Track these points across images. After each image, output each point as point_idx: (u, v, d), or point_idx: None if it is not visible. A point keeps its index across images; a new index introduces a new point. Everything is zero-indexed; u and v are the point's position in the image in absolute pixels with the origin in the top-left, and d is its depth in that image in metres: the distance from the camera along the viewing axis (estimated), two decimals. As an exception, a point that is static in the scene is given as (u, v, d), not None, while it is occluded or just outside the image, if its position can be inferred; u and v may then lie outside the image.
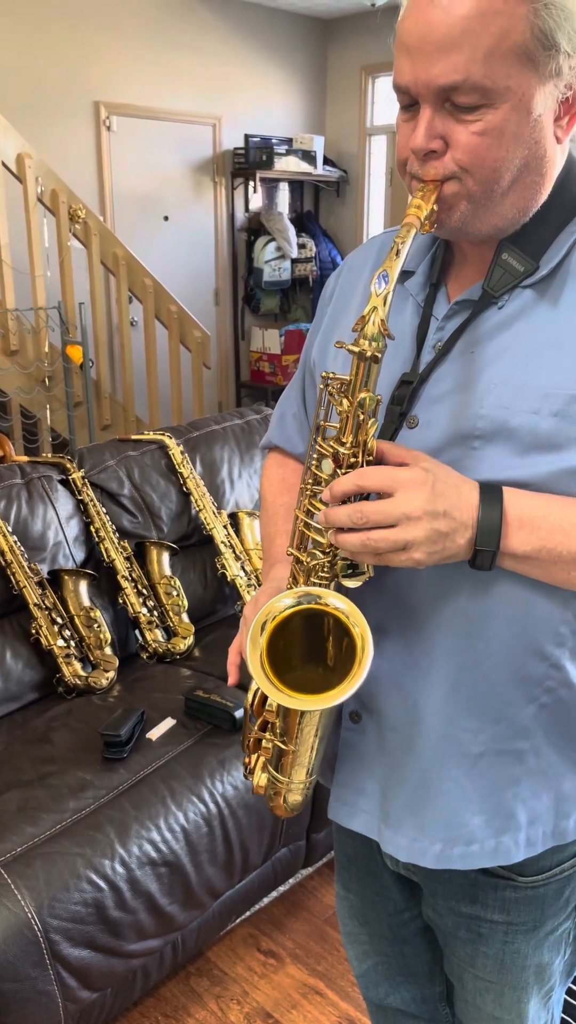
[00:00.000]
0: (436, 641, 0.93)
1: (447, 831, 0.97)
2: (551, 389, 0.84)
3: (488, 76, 0.77)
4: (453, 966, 1.13)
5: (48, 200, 4.05)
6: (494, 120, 0.79)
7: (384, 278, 0.81)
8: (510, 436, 0.85)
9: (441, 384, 0.91)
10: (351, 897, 1.24)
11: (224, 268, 5.87)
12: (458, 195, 0.84)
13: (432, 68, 0.78)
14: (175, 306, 4.51)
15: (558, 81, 0.80)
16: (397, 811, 0.99)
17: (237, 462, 2.69)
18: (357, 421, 0.83)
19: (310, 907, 2.15)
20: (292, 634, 0.89)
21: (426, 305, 0.95)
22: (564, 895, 1.03)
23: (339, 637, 0.88)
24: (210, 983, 1.94)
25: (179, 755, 1.88)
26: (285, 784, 0.99)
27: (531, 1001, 1.09)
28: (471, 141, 0.80)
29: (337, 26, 5.92)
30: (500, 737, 0.94)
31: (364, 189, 6.09)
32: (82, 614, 2.21)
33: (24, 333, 4.03)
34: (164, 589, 2.38)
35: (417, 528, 0.80)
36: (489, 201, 0.84)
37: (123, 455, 2.48)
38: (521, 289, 0.88)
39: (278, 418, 1.19)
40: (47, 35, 4.61)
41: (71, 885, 1.57)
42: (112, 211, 5.11)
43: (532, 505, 0.83)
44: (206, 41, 5.32)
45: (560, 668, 0.92)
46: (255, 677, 0.86)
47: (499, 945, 1.05)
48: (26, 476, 2.29)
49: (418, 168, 0.84)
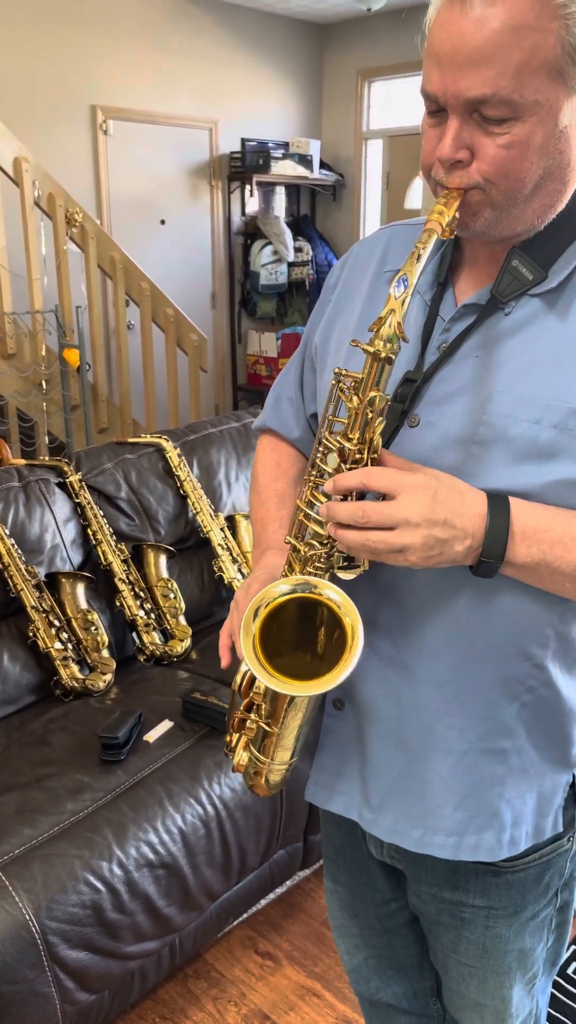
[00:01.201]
0: (424, 639, 0.94)
1: (428, 820, 0.99)
2: (553, 401, 0.85)
3: (517, 91, 0.78)
4: (437, 953, 1.15)
5: (45, 204, 4.05)
6: (521, 133, 0.80)
7: (404, 281, 0.82)
8: (509, 444, 0.86)
9: (445, 386, 0.91)
10: (340, 890, 1.25)
11: (221, 272, 5.88)
12: (482, 204, 0.85)
13: (462, 80, 0.79)
14: (172, 309, 4.51)
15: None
16: (379, 796, 1.01)
17: (234, 465, 2.69)
18: (365, 418, 0.85)
19: (307, 909, 2.15)
20: (284, 620, 0.91)
21: (433, 304, 0.95)
22: (544, 880, 1.05)
23: (330, 627, 0.89)
24: (208, 985, 1.94)
25: (176, 757, 1.88)
26: (267, 765, 1.00)
27: (514, 987, 1.10)
28: (498, 154, 0.81)
29: (333, 30, 5.93)
30: (485, 735, 0.95)
31: (360, 193, 6.10)
32: (79, 617, 2.22)
33: (21, 336, 4.04)
34: (161, 591, 2.38)
35: (415, 534, 0.81)
36: (512, 208, 0.85)
37: (120, 458, 2.49)
38: (529, 297, 0.89)
39: (273, 401, 1.19)
40: (44, 39, 4.62)
41: (69, 887, 1.57)
42: (109, 215, 5.12)
43: (537, 518, 0.85)
44: (203, 45, 5.33)
45: (542, 668, 0.94)
46: (247, 660, 0.87)
47: (481, 930, 1.07)
48: (23, 479, 2.29)
49: (443, 176, 0.85)
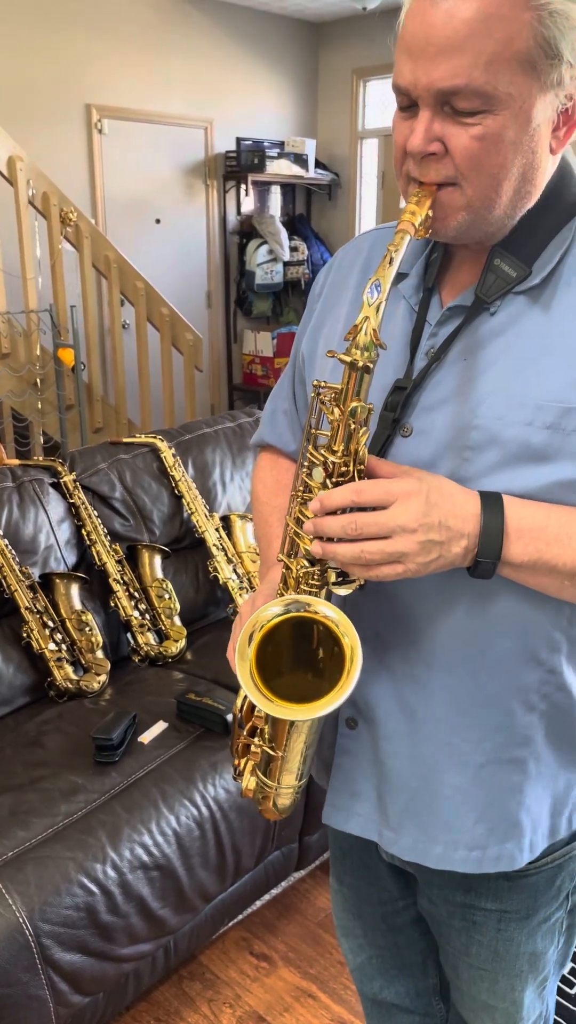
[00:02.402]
0: (434, 651, 0.92)
1: (448, 835, 0.97)
2: (544, 401, 0.84)
3: (490, 82, 0.77)
4: (448, 955, 1.13)
5: (39, 203, 4.04)
6: (493, 126, 0.79)
7: (377, 287, 0.80)
8: (503, 447, 0.85)
9: (435, 393, 0.90)
10: (345, 890, 1.24)
11: (216, 271, 5.87)
12: (455, 203, 0.83)
13: (434, 71, 0.77)
14: (167, 309, 4.50)
15: (559, 91, 0.80)
16: (396, 814, 0.99)
17: (229, 465, 2.69)
18: (348, 430, 0.82)
19: (303, 910, 2.14)
20: (281, 640, 0.89)
21: (420, 310, 0.94)
22: (556, 883, 1.04)
23: (329, 644, 0.88)
24: (202, 987, 1.93)
25: (171, 758, 1.87)
26: (274, 789, 0.98)
27: (526, 990, 1.09)
28: (470, 145, 0.79)
29: (328, 29, 5.93)
30: (501, 746, 0.94)
31: (356, 192, 6.10)
32: (73, 617, 2.21)
33: (15, 336, 4.03)
34: (156, 592, 2.38)
35: (411, 540, 0.80)
36: (487, 212, 0.84)
37: (115, 458, 2.48)
38: (514, 295, 0.88)
39: (269, 415, 1.18)
40: (39, 38, 4.61)
41: (63, 889, 1.56)
42: (104, 214, 5.11)
43: (532, 516, 0.83)
44: (197, 44, 5.32)
45: (556, 672, 0.92)
46: (244, 687, 0.85)
47: (493, 933, 1.06)
48: (17, 479, 2.28)
49: (416, 171, 0.83)
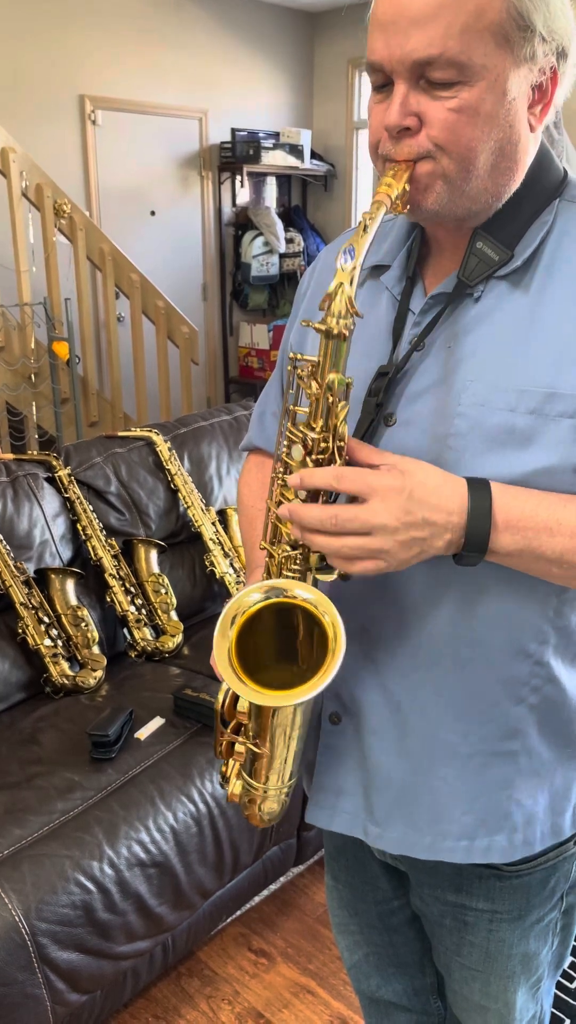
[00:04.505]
0: (421, 644, 0.92)
1: (437, 826, 0.96)
2: (527, 386, 0.83)
3: (464, 52, 0.77)
4: (440, 955, 1.13)
5: (33, 195, 4.01)
6: (469, 98, 0.79)
7: (350, 252, 0.78)
8: (487, 434, 0.84)
9: (419, 381, 0.89)
10: (340, 887, 1.23)
11: (212, 263, 5.84)
12: (433, 174, 0.82)
13: (407, 43, 0.77)
14: (162, 301, 4.48)
15: (532, 65, 0.80)
16: (383, 809, 0.98)
17: (225, 458, 2.67)
18: (327, 404, 0.81)
19: (301, 906, 2.14)
20: (264, 634, 0.87)
21: (403, 299, 0.93)
22: (549, 884, 1.03)
23: (311, 635, 0.86)
24: (201, 983, 1.93)
25: (168, 755, 1.86)
26: (260, 790, 0.96)
27: (519, 991, 1.09)
28: (447, 117, 0.79)
29: (323, 19, 5.89)
30: (490, 738, 0.93)
31: (352, 183, 6.06)
32: (69, 613, 2.19)
33: (10, 329, 4.00)
34: (152, 587, 2.36)
35: (392, 539, 0.79)
36: (465, 183, 0.83)
37: (110, 452, 2.46)
38: (497, 280, 0.87)
39: (257, 417, 1.17)
40: (31, 28, 4.56)
41: (59, 887, 1.55)
42: (98, 206, 5.07)
43: (522, 506, 0.82)
44: (192, 34, 5.28)
45: (544, 665, 0.92)
46: (221, 672, 0.83)
47: (484, 934, 1.05)
48: (11, 474, 2.26)
49: (391, 148, 0.82)
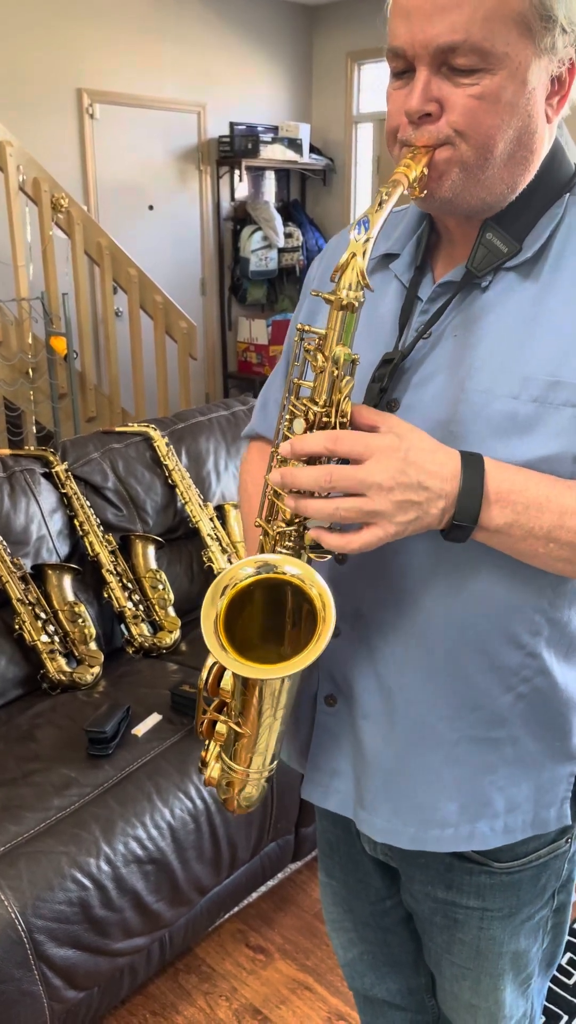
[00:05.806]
0: (414, 630, 0.92)
1: (421, 814, 0.97)
2: (531, 374, 0.83)
3: (487, 39, 0.77)
4: (431, 953, 1.13)
5: (30, 189, 3.99)
6: (491, 85, 0.79)
7: (364, 224, 0.78)
8: (489, 421, 0.84)
9: (425, 368, 0.89)
10: (334, 884, 1.23)
11: (210, 258, 5.82)
12: (450, 161, 0.82)
13: (431, 28, 0.77)
14: (160, 296, 4.46)
15: (552, 56, 0.81)
16: (372, 794, 0.99)
17: (223, 454, 2.66)
18: (332, 379, 0.80)
19: (299, 902, 2.13)
20: (252, 613, 0.86)
21: (411, 287, 0.93)
22: (540, 882, 1.03)
23: (300, 616, 0.84)
24: (198, 980, 1.92)
25: (165, 751, 1.86)
26: (240, 774, 0.95)
27: (508, 989, 1.08)
28: (468, 104, 0.79)
29: (322, 13, 5.86)
30: (476, 725, 0.93)
31: (351, 177, 6.04)
32: (66, 609, 2.18)
33: (7, 324, 3.99)
34: (150, 583, 2.35)
35: (387, 499, 0.77)
36: (482, 172, 0.83)
37: (107, 447, 2.45)
38: (505, 271, 0.87)
39: (261, 405, 1.17)
40: (29, 22, 4.54)
41: (56, 884, 1.55)
42: (96, 200, 5.05)
43: (512, 480, 0.81)
44: (190, 28, 5.26)
45: (536, 656, 0.91)
46: (207, 642, 0.81)
47: (475, 931, 1.05)
48: (8, 469, 2.26)
49: (411, 133, 0.82)
